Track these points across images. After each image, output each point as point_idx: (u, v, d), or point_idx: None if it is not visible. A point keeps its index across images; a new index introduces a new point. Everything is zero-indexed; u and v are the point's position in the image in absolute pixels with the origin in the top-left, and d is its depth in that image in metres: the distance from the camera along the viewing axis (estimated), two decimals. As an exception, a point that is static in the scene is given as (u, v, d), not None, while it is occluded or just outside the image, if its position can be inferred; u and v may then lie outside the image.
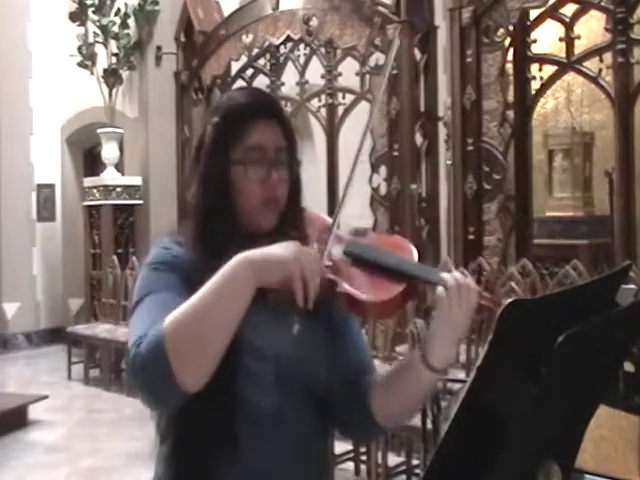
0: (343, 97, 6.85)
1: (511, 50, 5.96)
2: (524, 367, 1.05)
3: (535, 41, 6.01)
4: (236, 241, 1.34)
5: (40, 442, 5.40)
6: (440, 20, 6.39)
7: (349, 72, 6.70)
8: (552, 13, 5.90)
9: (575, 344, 1.02)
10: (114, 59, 8.05)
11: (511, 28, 5.73)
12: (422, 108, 6.07)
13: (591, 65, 5.82)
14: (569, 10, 5.92)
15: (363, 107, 6.47)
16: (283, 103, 7.24)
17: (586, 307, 1.12)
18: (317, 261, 1.26)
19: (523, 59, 6.02)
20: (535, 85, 6.09)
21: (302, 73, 7.05)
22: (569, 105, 8.28)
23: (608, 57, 5.60)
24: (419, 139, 6.07)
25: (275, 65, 7.29)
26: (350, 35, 6.29)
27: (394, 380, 1.38)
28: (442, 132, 6.46)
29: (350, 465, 4.36)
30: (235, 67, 7.58)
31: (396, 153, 5.96)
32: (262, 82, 7.32)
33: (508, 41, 5.83)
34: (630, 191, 5.45)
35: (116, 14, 7.96)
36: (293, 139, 1.45)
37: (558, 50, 6.07)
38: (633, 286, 2.99)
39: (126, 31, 8.00)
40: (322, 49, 6.84)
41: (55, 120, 8.89)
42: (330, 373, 1.41)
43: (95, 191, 7.96)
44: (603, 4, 5.59)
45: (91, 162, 9.18)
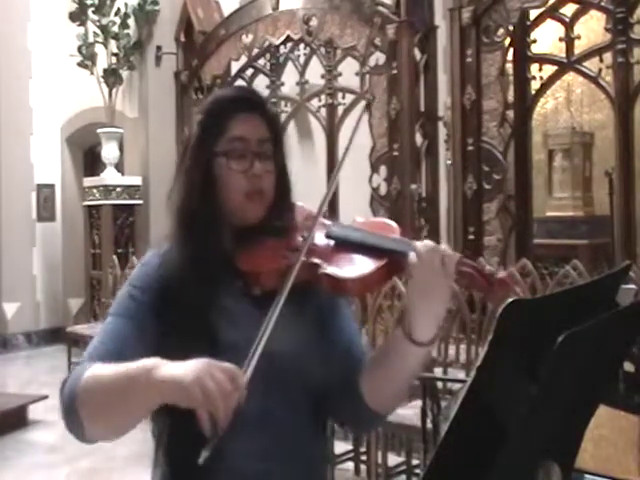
0: (343, 97, 6.85)
1: (511, 50, 5.97)
2: (524, 367, 1.05)
3: (535, 41, 6.02)
4: (224, 235, 1.36)
5: (40, 442, 5.40)
6: (440, 20, 6.39)
7: (349, 72, 6.70)
8: (552, 13, 5.90)
9: (575, 344, 1.02)
10: (114, 59, 8.05)
11: (511, 28, 5.74)
12: (422, 108, 6.08)
13: (591, 65, 5.82)
14: (569, 10, 5.93)
15: (363, 107, 6.47)
16: (283, 103, 7.25)
17: (586, 307, 1.12)
18: (232, 380, 1.13)
19: (523, 59, 6.02)
20: (535, 85, 6.09)
21: (302, 73, 7.06)
22: (569, 105, 8.28)
23: (608, 57, 5.60)
24: (419, 139, 6.08)
25: (275, 65, 7.29)
26: (350, 35, 6.30)
27: (381, 361, 1.35)
28: (442, 132, 6.46)
29: (350, 465, 4.35)
30: (235, 67, 7.59)
31: (396, 153, 5.97)
32: (262, 82, 7.32)
33: (508, 41, 5.84)
34: (630, 191, 5.46)
35: (116, 14, 7.97)
36: (278, 131, 1.44)
37: (558, 50, 6.07)
38: (633, 286, 2.99)
39: (126, 31, 8.00)
40: (322, 49, 6.85)
41: (55, 120, 8.89)
42: (324, 368, 1.38)
43: (95, 191, 7.96)
44: (603, 4, 5.59)
45: (91, 162, 9.18)
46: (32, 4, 8.69)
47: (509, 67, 6.06)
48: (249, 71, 7.49)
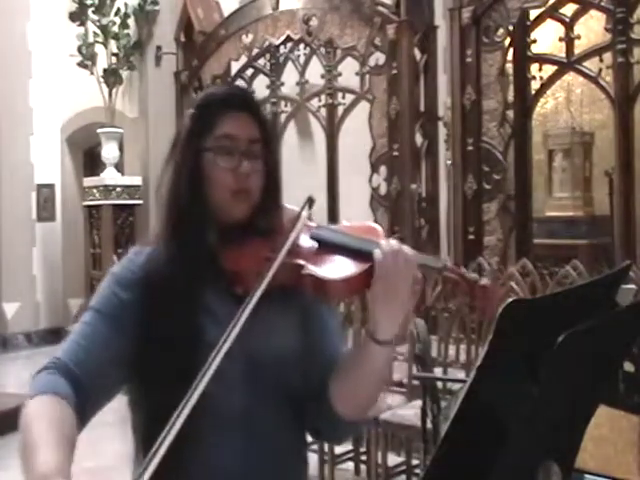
0: (343, 97, 6.86)
1: (511, 50, 5.97)
2: (524, 367, 1.05)
3: (535, 41, 6.02)
4: (210, 231, 1.36)
5: (40, 442, 5.40)
6: (440, 20, 6.39)
7: (349, 72, 6.70)
8: (552, 13, 5.91)
9: (575, 344, 1.02)
10: (114, 59, 8.05)
11: (511, 28, 5.74)
12: (422, 108, 6.08)
13: (591, 65, 5.82)
14: (569, 10, 5.93)
15: (363, 107, 6.47)
16: (283, 103, 7.25)
17: (586, 307, 1.12)
18: None
19: (523, 59, 6.03)
20: (535, 85, 6.09)
21: (302, 73, 7.06)
22: (569, 105, 8.27)
23: (608, 57, 5.61)
24: (419, 139, 6.08)
25: (275, 65, 7.29)
26: (350, 35, 6.30)
27: (348, 363, 1.36)
28: (442, 132, 6.46)
29: (350, 465, 4.35)
30: (235, 67, 7.58)
31: (396, 153, 5.97)
32: (262, 82, 7.33)
33: (508, 41, 5.84)
34: (630, 191, 5.46)
35: (116, 14, 7.97)
36: (268, 132, 1.44)
37: (558, 50, 6.08)
38: (633, 286, 3.00)
39: (126, 31, 8.01)
40: (322, 49, 6.85)
41: (55, 120, 8.88)
42: (305, 369, 1.38)
43: (95, 191, 7.97)
44: (603, 4, 5.60)
45: (91, 162, 9.18)
46: (32, 4, 8.68)
47: (509, 67, 6.06)
48: (249, 71, 7.49)
